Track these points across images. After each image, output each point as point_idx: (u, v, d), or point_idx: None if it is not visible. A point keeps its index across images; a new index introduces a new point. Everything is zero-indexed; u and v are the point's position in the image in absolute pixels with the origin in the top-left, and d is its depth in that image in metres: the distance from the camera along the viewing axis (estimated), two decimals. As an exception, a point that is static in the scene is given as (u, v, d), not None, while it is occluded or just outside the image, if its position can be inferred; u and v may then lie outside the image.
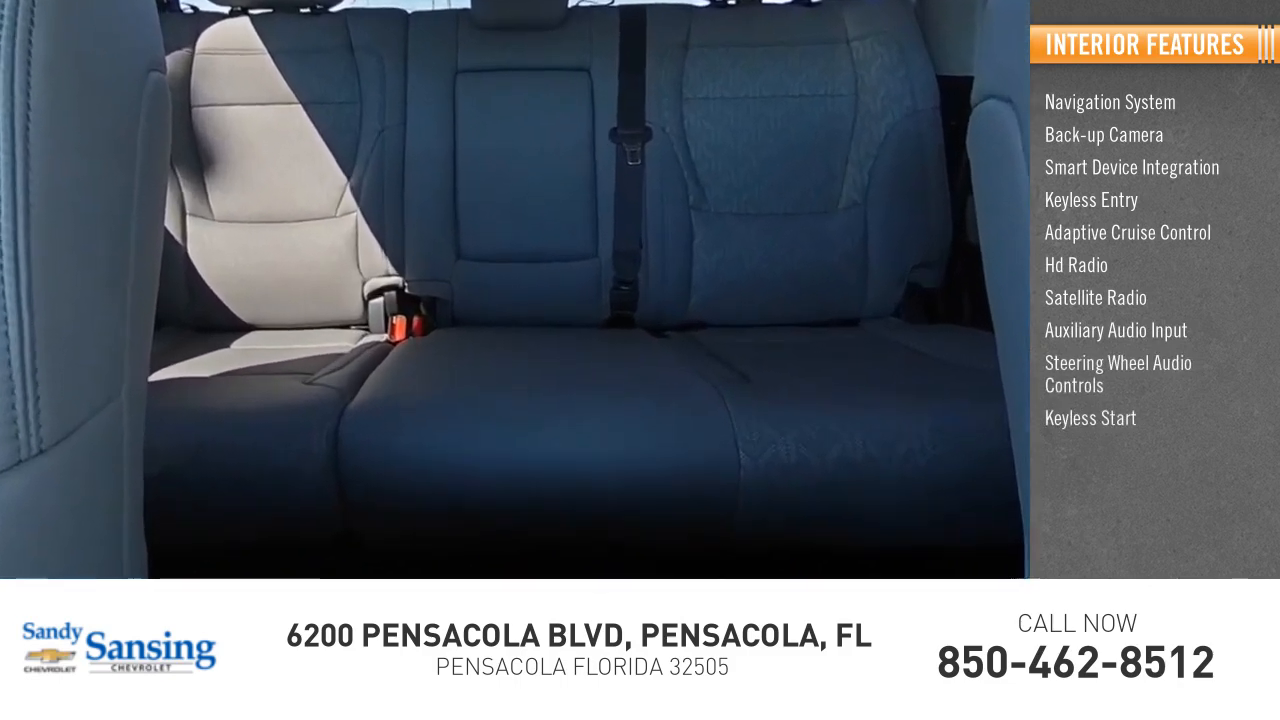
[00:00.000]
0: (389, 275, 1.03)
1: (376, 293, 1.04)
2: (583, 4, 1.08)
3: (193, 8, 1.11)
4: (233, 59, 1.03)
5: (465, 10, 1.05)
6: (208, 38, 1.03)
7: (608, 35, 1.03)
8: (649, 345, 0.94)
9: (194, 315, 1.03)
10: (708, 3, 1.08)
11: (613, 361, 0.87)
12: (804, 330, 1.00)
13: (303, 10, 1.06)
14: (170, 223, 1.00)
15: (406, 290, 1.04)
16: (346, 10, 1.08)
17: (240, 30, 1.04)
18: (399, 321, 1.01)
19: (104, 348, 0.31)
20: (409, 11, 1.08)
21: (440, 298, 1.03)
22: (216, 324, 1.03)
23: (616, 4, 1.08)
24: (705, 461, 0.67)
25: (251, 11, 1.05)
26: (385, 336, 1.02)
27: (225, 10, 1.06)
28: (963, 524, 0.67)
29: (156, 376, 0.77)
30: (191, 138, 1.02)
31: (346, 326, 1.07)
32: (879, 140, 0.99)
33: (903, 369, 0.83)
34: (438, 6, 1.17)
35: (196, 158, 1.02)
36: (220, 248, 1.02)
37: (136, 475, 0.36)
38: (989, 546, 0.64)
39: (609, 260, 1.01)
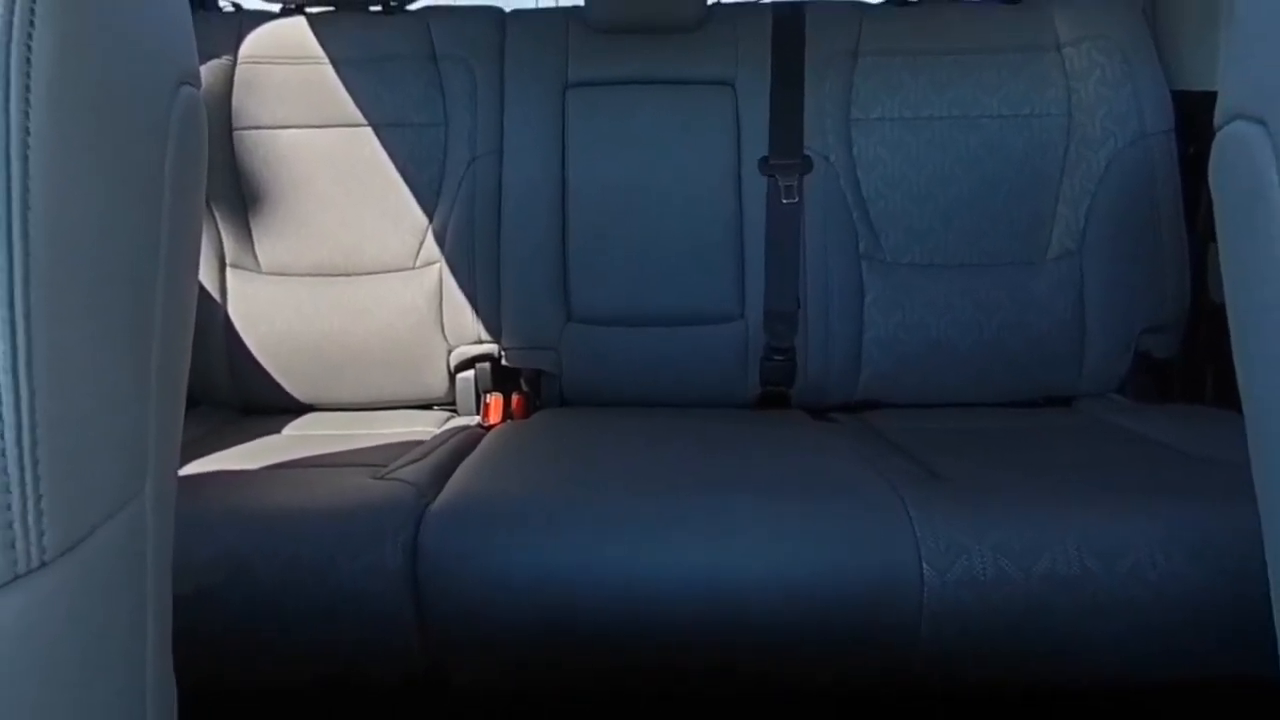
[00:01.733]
0: (482, 342, 0.90)
1: (466, 364, 0.91)
2: (726, 0, 0.93)
3: (235, 5, 0.96)
4: (285, 69, 0.89)
5: (577, 9, 0.91)
6: (253, 43, 0.88)
7: (757, 41, 0.90)
8: (809, 431, 0.83)
9: (236, 392, 0.90)
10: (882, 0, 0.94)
11: (764, 452, 0.78)
12: (1004, 412, 0.88)
13: (373, 8, 0.92)
14: (206, 276, 0.87)
15: (504, 361, 0.92)
16: (428, 8, 0.94)
17: (294, 33, 0.89)
18: (494, 400, 0.90)
19: (123, 434, 0.28)
20: (506, 10, 0.94)
21: (546, 370, 0.92)
22: (264, 403, 0.91)
23: (768, 1, 0.92)
24: (881, 577, 0.61)
25: (309, 10, 0.91)
26: (477, 419, 0.92)
27: (275, 8, 0.92)
28: (1204, 656, 0.61)
29: (189, 470, 0.73)
30: (233, 169, 0.88)
31: (428, 407, 0.95)
32: (1099, 173, 0.86)
33: (1128, 461, 0.74)
34: (542, 4, 1.01)
35: (239, 194, 0.88)
36: (268, 308, 0.88)
37: (164, 594, 0.34)
38: (1241, 683, 0.61)
39: (759, 324, 0.88)
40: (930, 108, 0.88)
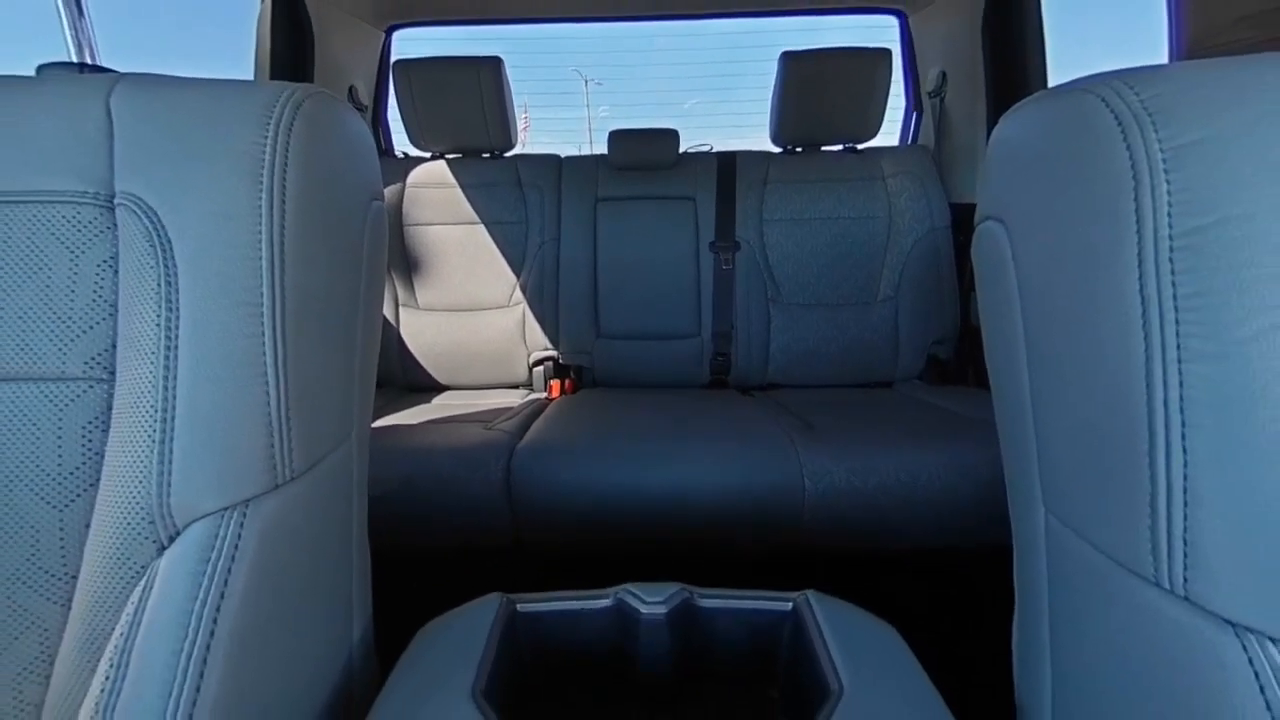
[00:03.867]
0: (547, 349, 1.35)
1: (538, 362, 1.35)
2: (689, 151, 1.41)
3: (404, 154, 1.44)
4: (432, 191, 1.35)
5: (603, 155, 1.38)
6: (415, 175, 1.35)
7: (708, 173, 1.35)
8: (739, 401, 1.18)
9: (405, 378, 1.34)
10: (781, 150, 1.40)
11: (712, 414, 1.06)
12: (852, 390, 1.29)
13: (484, 155, 1.38)
14: (388, 311, 1.32)
15: (560, 360, 1.34)
16: (517, 156, 1.40)
17: (438, 170, 1.36)
18: (555, 383, 1.32)
19: (339, 401, 0.36)
20: (562, 156, 1.41)
21: (585, 366, 1.34)
22: (421, 385, 1.34)
23: (714, 151, 1.41)
24: (779, 486, 0.83)
25: (447, 157, 1.38)
26: (545, 394, 1.32)
27: (427, 155, 1.39)
28: (967, 529, 0.83)
29: (378, 424, 0.96)
30: (403, 248, 1.34)
31: (516, 387, 1.37)
32: (907, 250, 1.30)
33: (924, 419, 1.03)
34: (583, 153, 1.47)
35: (406, 263, 1.34)
36: (423, 329, 1.34)
37: (363, 497, 0.42)
38: (987, 545, 0.74)
39: (709, 338, 1.32)
40: (809, 213, 1.32)
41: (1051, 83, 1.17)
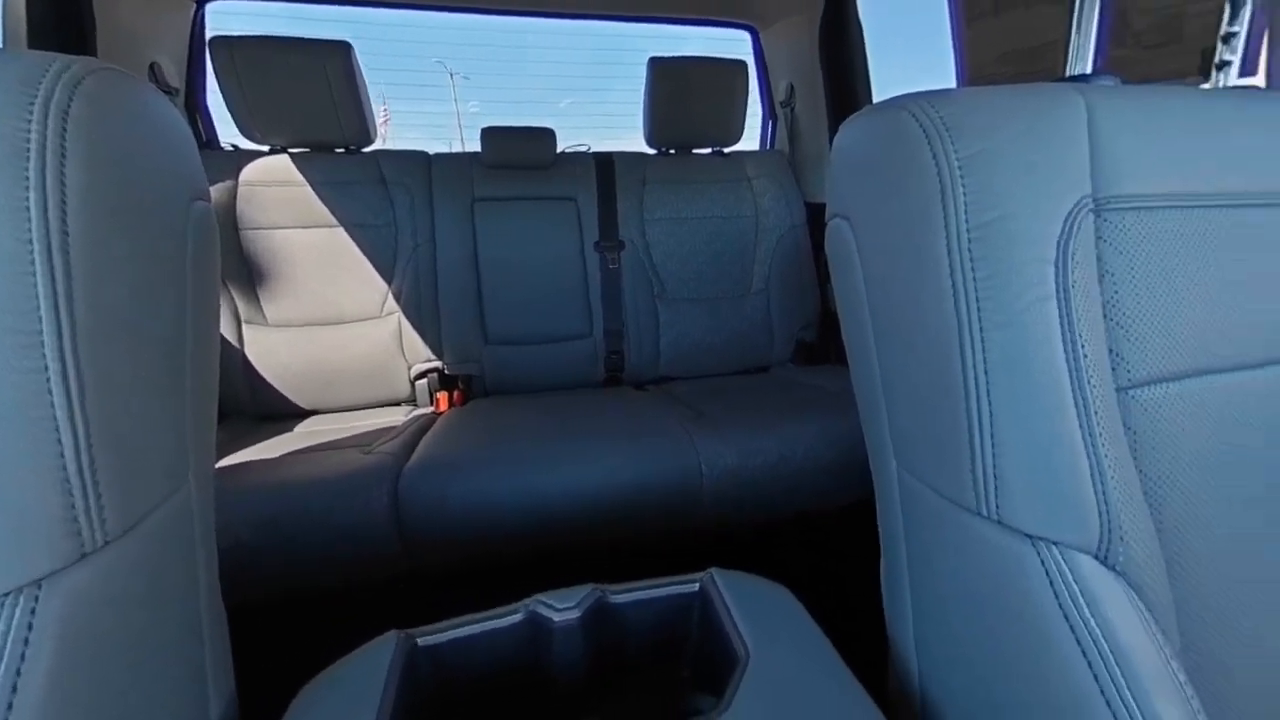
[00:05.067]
0: (431, 360, 1.26)
1: (421, 375, 1.26)
2: (567, 151, 1.40)
3: (234, 146, 1.23)
4: (274, 190, 1.19)
5: (477, 153, 1.31)
6: (250, 171, 1.18)
7: (587, 174, 1.35)
8: (634, 397, 1.21)
9: (256, 406, 1.17)
10: (656, 152, 1.45)
11: (609, 412, 1.08)
12: (735, 377, 1.38)
13: (337, 150, 1.24)
14: (227, 330, 1.14)
15: (446, 371, 1.26)
16: (379, 152, 1.27)
17: (280, 166, 1.20)
18: (442, 396, 1.24)
19: (167, 442, 0.31)
20: (431, 153, 1.31)
21: (474, 375, 1.28)
22: (279, 412, 1.18)
23: (591, 151, 1.42)
24: (680, 475, 0.87)
25: (290, 151, 1.22)
26: (432, 409, 1.24)
27: (265, 149, 1.21)
28: (839, 491, 0.92)
29: (226, 462, 0.87)
30: (241, 256, 1.16)
31: (398, 404, 1.27)
32: (773, 246, 1.43)
33: (797, 397, 1.12)
34: (454, 150, 1.38)
35: (247, 273, 1.17)
36: (276, 348, 1.17)
37: (211, 551, 0.36)
38: (854, 504, 0.91)
39: (601, 338, 1.33)
40: (686, 212, 1.38)
41: (876, 98, 1.39)
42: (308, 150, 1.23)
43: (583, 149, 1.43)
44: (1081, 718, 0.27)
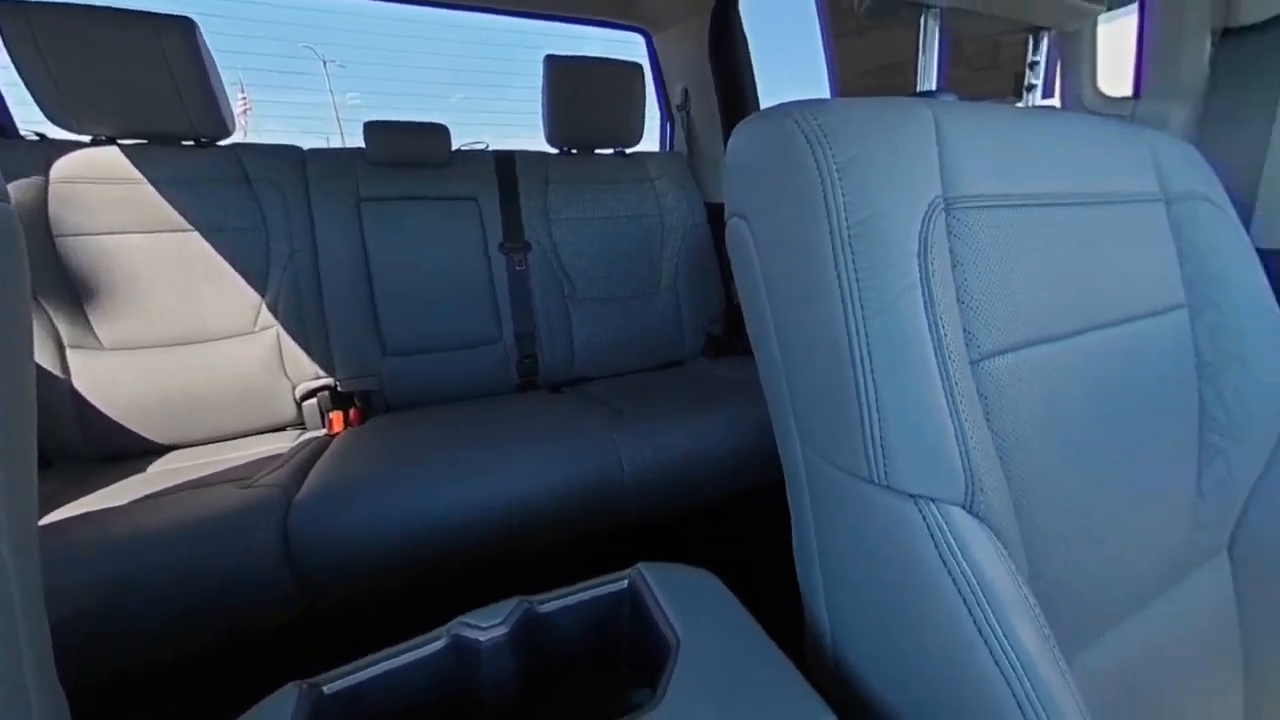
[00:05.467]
0: (320, 377, 1.14)
1: (309, 394, 1.13)
2: (464, 149, 1.33)
3: (39, 135, 1.01)
4: (101, 189, 1.00)
5: (360, 150, 1.20)
6: (65, 166, 0.98)
7: (487, 173, 1.30)
8: (550, 400, 1.19)
9: (92, 447, 0.99)
10: (558, 152, 1.43)
11: (526, 417, 1.04)
12: (651, 373, 1.41)
13: (185, 143, 1.08)
14: (45, 358, 0.95)
15: (339, 388, 1.15)
16: (239, 146, 1.12)
17: (107, 160, 1.01)
18: (336, 416, 1.13)
19: None
20: (305, 148, 1.18)
21: (373, 390, 1.17)
22: (126, 451, 1.01)
23: (491, 149, 1.36)
24: (602, 475, 0.87)
25: (121, 142, 1.03)
26: (324, 431, 1.12)
27: (86, 140, 1.02)
28: (751, 473, 0.96)
29: (53, 518, 0.75)
30: (58, 268, 0.97)
31: (282, 429, 1.13)
32: (678, 245, 1.47)
33: (709, 389, 1.16)
34: (333, 145, 1.24)
35: (69, 289, 0.98)
36: (117, 375, 1.00)
37: (37, 623, 0.32)
38: (766, 485, 0.90)
39: (512, 342, 1.29)
40: (592, 212, 1.38)
41: (764, 104, 1.48)
42: (145, 142, 1.06)
43: (481, 146, 1.37)
44: (959, 643, 0.31)
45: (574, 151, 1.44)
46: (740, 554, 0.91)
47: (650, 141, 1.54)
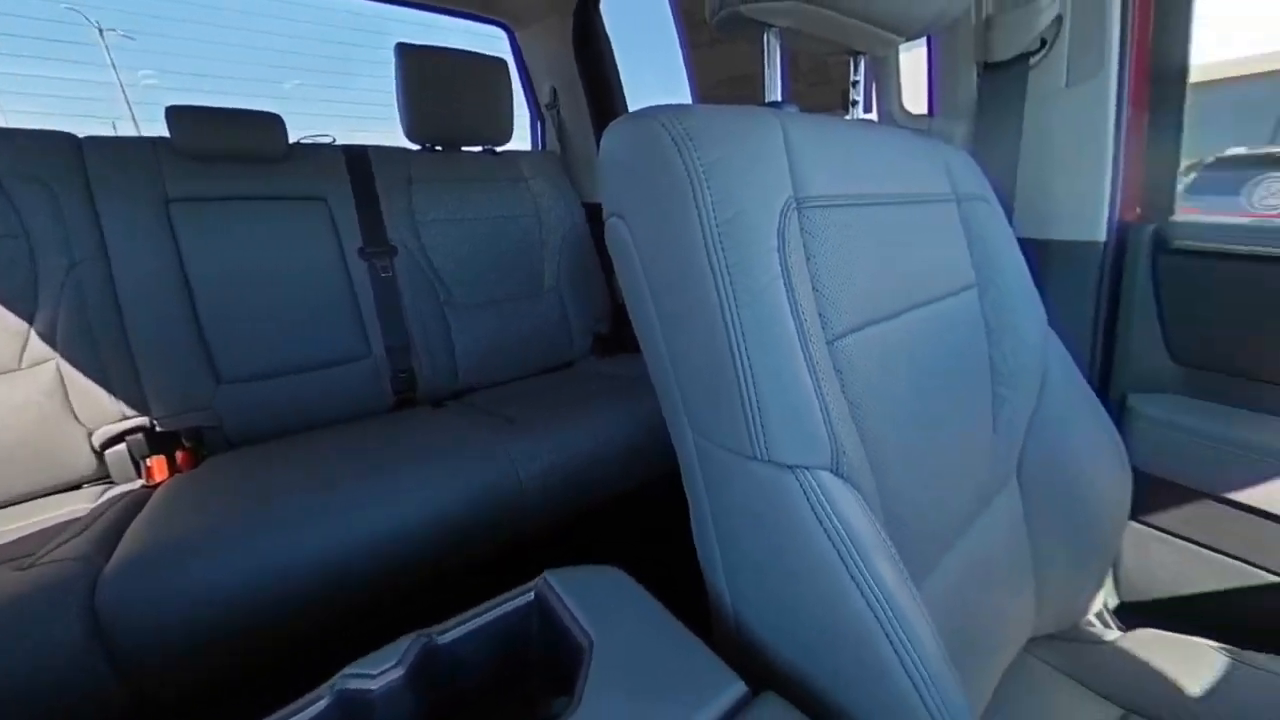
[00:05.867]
0: (127, 418, 0.94)
1: (113, 440, 0.92)
2: (304, 142, 1.17)
3: None
4: None
5: (163, 139, 1.00)
6: None
7: (337, 170, 1.17)
8: (432, 416, 1.10)
9: None
10: (420, 149, 1.33)
11: (405, 436, 0.96)
12: (540, 377, 1.37)
13: None
14: None
15: (157, 428, 0.95)
16: None
17: None
18: (156, 462, 0.93)
19: None
20: (80, 136, 0.95)
21: (207, 426, 0.99)
22: None
23: (338, 144, 1.21)
24: (498, 487, 0.84)
25: None
26: (140, 483, 0.93)
27: None
28: (648, 467, 0.99)
29: None
30: None
31: (77, 486, 0.92)
32: (558, 245, 1.45)
33: (601, 388, 1.17)
34: (120, 133, 1.00)
35: None
36: None
37: None
38: (663, 474, 0.96)
39: (383, 356, 1.18)
40: (463, 213, 1.30)
41: (631, 106, 1.52)
42: None
43: (326, 140, 1.22)
44: (836, 590, 0.36)
45: (438, 149, 1.35)
46: (648, 547, 0.92)
47: (521, 140, 1.51)
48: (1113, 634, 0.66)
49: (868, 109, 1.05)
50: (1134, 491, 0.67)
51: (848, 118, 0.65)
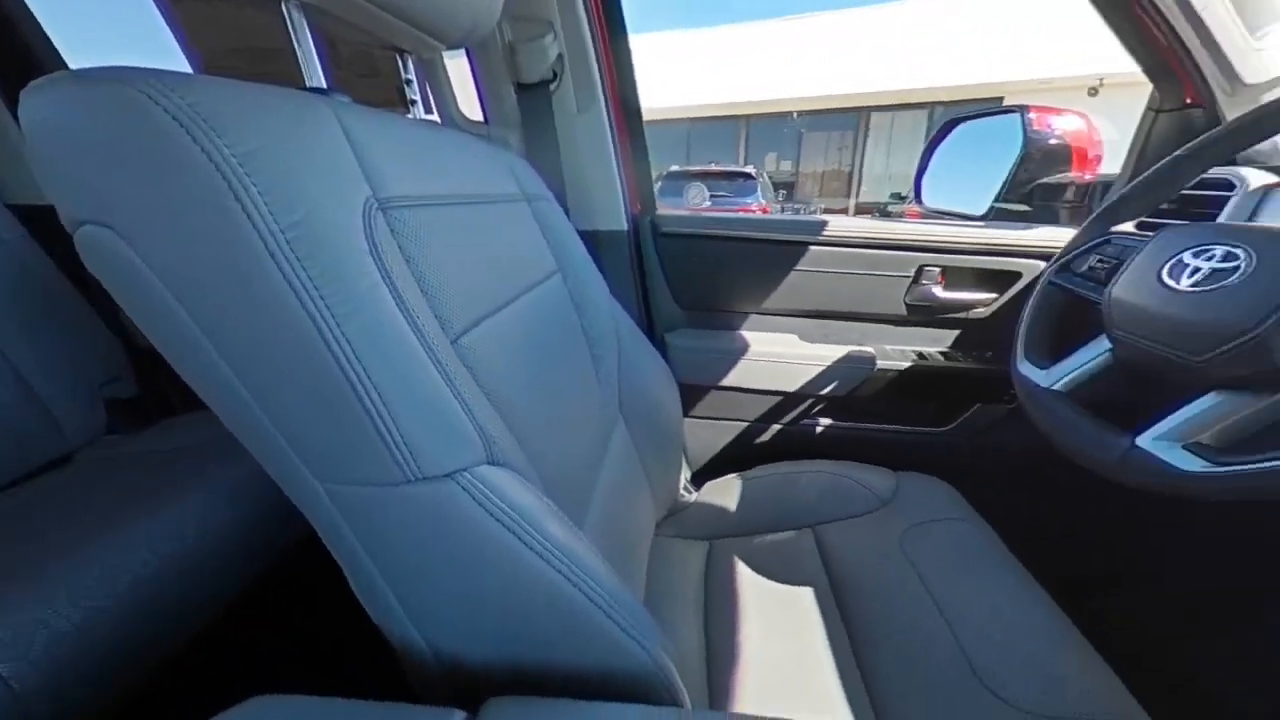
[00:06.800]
0: None
1: None
2: None
3: None
4: None
5: None
6: None
7: None
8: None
9: None
10: None
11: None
12: (9, 492, 0.85)
13: None
14: None
15: None
16: None
17: None
18: None
19: None
20: None
21: None
22: None
23: None
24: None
25: None
26: None
27: None
28: (263, 547, 0.80)
29: None
30: None
31: None
32: None
33: (146, 475, 0.87)
34: None
35: None
36: None
37: None
38: (299, 545, 0.85)
39: None
40: None
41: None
42: None
43: None
44: (528, 568, 0.37)
45: None
46: (314, 623, 0.80)
47: None
48: (694, 496, 0.97)
49: (428, 110, 1.07)
50: (682, 397, 0.98)
51: (411, 117, 0.64)
